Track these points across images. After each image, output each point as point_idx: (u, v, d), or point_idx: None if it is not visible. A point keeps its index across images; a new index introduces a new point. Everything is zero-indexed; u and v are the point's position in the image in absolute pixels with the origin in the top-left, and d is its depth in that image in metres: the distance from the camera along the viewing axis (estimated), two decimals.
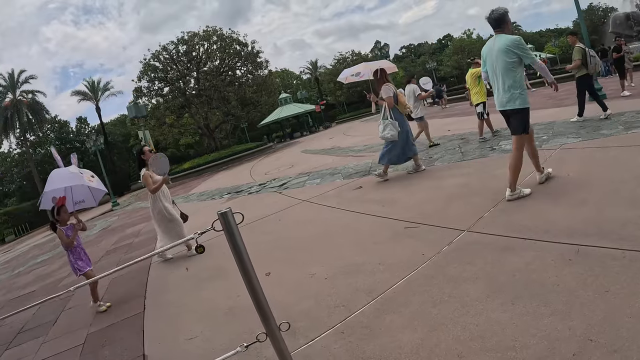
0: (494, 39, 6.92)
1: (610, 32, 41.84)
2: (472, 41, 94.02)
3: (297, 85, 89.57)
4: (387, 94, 9.63)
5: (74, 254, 6.91)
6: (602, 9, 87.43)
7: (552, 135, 10.66)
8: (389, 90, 9.69)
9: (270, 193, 12.97)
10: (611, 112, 11.55)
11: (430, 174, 9.90)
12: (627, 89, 18.42)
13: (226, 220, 2.89)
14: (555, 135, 10.64)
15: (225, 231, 2.89)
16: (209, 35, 44.37)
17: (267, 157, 30.54)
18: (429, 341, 3.46)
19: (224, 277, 6.41)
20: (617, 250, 4.15)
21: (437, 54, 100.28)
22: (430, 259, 5.06)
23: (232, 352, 3.17)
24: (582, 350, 2.90)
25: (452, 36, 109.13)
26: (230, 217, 2.90)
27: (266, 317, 3.05)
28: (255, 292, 3.01)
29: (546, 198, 6.28)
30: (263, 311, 3.04)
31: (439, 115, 28.63)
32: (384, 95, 9.72)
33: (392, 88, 9.75)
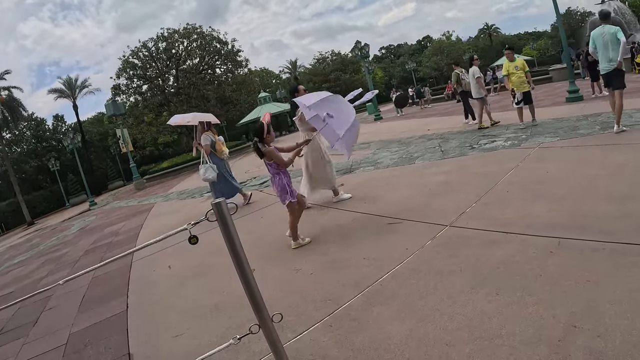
0: (602, 27, 9.63)
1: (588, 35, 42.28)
2: (451, 43, 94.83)
3: (277, 84, 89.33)
4: (205, 142, 10.93)
5: (287, 176, 6.52)
6: (580, 13, 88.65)
7: (530, 134, 10.89)
8: (208, 138, 10.98)
9: (251, 191, 12.93)
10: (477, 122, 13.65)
11: (412, 172, 10.04)
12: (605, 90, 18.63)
13: (220, 211, 2.91)
14: (534, 134, 10.90)
15: (219, 221, 2.91)
16: (189, 32, 44.02)
17: (246, 156, 30.34)
18: (417, 332, 3.53)
19: (208, 274, 6.41)
20: (597, 242, 4.31)
21: (417, 55, 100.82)
22: (415, 253, 5.13)
23: (225, 345, 3.18)
24: (566, 336, 3.02)
25: (431, 37, 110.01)
26: (224, 207, 2.92)
27: (259, 308, 3.06)
28: (249, 283, 3.03)
29: (526, 194, 6.44)
30: (256, 302, 3.06)
31: (418, 115, 28.84)
32: (202, 142, 10.99)
33: (210, 137, 11.09)
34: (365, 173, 11.21)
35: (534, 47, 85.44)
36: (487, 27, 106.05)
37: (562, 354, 2.87)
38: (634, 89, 17.38)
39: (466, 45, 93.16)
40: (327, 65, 76.44)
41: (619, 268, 3.77)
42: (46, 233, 21.46)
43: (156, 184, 30.74)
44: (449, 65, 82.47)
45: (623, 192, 5.63)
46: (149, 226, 12.52)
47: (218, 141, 11.23)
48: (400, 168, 10.76)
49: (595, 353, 2.80)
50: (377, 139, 18.55)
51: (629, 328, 2.95)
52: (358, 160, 13.40)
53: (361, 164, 12.61)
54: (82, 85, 66.05)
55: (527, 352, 2.96)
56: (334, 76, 73.38)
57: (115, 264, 8.35)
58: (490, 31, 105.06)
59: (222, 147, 11.29)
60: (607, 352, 2.79)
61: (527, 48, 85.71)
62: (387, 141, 16.92)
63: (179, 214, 12.85)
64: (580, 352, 2.84)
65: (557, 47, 74.16)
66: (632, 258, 3.89)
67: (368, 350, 3.47)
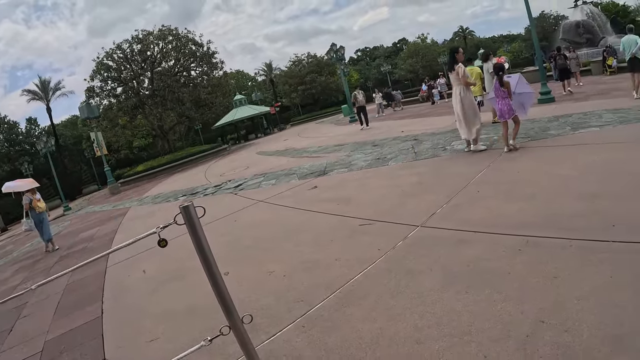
0: (628, 36, 15.30)
1: (561, 38, 43.52)
2: (426, 45, 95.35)
3: (252, 86, 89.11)
4: (25, 202, 12.88)
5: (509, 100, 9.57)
6: (553, 16, 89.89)
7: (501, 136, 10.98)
8: (27, 199, 12.88)
9: (226, 194, 12.90)
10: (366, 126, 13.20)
11: (385, 174, 10.12)
12: (574, 88, 20.62)
13: (188, 214, 2.91)
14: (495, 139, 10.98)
15: (187, 224, 2.91)
16: (164, 34, 43.39)
17: (222, 159, 30.28)
18: (388, 330, 3.56)
19: (182, 278, 6.36)
20: (565, 240, 4.41)
21: (392, 57, 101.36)
22: (386, 253, 5.19)
23: (196, 347, 3.17)
24: (535, 331, 3.09)
25: (407, 40, 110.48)
26: (192, 210, 2.91)
27: (229, 310, 3.05)
28: (218, 285, 3.01)
29: (497, 194, 6.56)
30: (225, 304, 3.04)
31: (392, 117, 29.02)
32: (23, 202, 12.96)
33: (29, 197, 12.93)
34: (339, 175, 11.24)
35: (508, 49, 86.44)
36: (461, 30, 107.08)
37: (530, 349, 2.93)
38: (605, 91, 17.83)
39: (441, 48, 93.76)
40: (303, 68, 76.28)
41: (586, 265, 3.86)
42: (20, 239, 21.10)
43: (131, 188, 30.43)
44: (424, 68, 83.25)
45: (592, 191, 5.75)
46: (123, 231, 12.41)
47: (35, 200, 13.14)
48: (374, 170, 10.84)
49: (563, 347, 2.86)
50: (352, 140, 18.68)
51: (596, 323, 3.02)
52: (332, 162, 13.46)
53: (335, 166, 12.65)
54: (55, 87, 65.05)
55: (496, 348, 3.01)
56: (309, 78, 73.28)
57: (90, 270, 8.28)
58: (464, 34, 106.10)
59: (38, 204, 13.16)
60: (574, 346, 2.85)
61: (501, 50, 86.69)
62: (361, 143, 17.04)
63: (153, 218, 12.77)
64: (548, 347, 2.91)
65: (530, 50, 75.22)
66: (599, 255, 3.99)
67: (340, 349, 3.50)
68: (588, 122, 10.78)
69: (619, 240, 4.19)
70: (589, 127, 9.99)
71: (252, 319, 3.14)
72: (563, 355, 2.81)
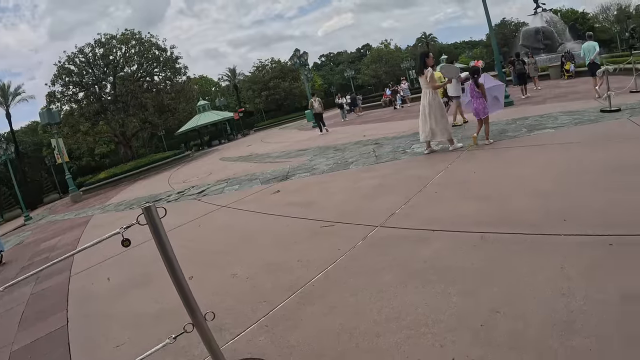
0: (588, 42, 16.54)
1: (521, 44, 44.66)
2: (390, 51, 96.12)
3: (216, 92, 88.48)
4: None
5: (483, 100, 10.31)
6: (514, 23, 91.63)
7: (461, 138, 11.27)
8: None
9: (190, 200, 12.85)
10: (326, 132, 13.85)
11: (346, 177, 10.28)
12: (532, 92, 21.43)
13: (150, 215, 2.95)
14: (463, 138, 11.30)
15: (149, 225, 2.95)
16: (127, 38, 42.61)
17: (185, 166, 30.07)
18: (348, 325, 3.66)
19: (148, 283, 6.32)
20: (518, 235, 4.63)
21: (356, 63, 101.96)
22: (346, 253, 5.30)
23: (160, 345, 3.20)
24: (489, 321, 3.25)
25: (370, 46, 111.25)
26: (154, 211, 2.96)
27: (192, 308, 3.11)
28: (180, 284, 3.07)
29: (454, 194, 6.79)
30: (188, 302, 3.10)
31: (355, 122, 29.28)
32: None
33: None
34: (301, 179, 11.32)
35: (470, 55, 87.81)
36: (425, 37, 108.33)
37: (485, 336, 3.08)
38: (562, 94, 18.38)
39: (404, 54, 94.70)
40: (267, 73, 76.11)
41: (538, 258, 4.05)
42: None
43: (93, 196, 29.94)
44: (387, 73, 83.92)
45: (545, 189, 6.04)
46: (87, 239, 12.24)
47: None
48: (335, 173, 10.99)
49: (516, 334, 3.02)
50: (315, 145, 18.84)
51: (548, 311, 3.19)
52: (294, 166, 13.56)
53: (297, 170, 12.74)
54: (15, 92, 63.48)
55: (452, 338, 3.15)
56: (273, 84, 73.20)
57: (53, 280, 8.18)
58: (427, 40, 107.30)
59: None
60: (528, 333, 3.01)
61: (463, 56, 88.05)
62: (323, 148, 17.21)
63: (116, 226, 12.52)
64: (501, 335, 3.06)
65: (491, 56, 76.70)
66: (548, 247, 4.22)
67: (303, 346, 3.57)
68: (544, 124, 11.14)
69: (569, 234, 4.41)
70: (545, 129, 10.34)
71: (214, 316, 3.21)
72: (517, 341, 2.96)
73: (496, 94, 11.01)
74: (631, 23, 70.50)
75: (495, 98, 10.94)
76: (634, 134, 8.37)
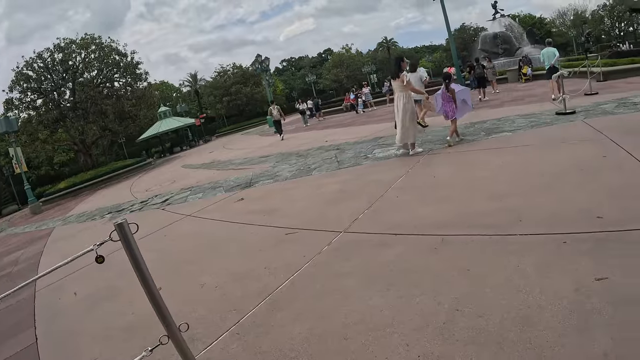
0: (547, 48, 17.41)
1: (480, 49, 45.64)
2: (351, 56, 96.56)
3: (177, 98, 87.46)
4: None
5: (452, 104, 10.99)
6: (473, 28, 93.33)
7: (420, 142, 11.51)
8: None
9: (153, 210, 12.73)
10: None
11: (309, 183, 10.39)
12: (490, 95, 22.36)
13: (122, 231, 2.99)
14: (423, 142, 11.62)
15: (122, 241, 2.99)
16: (87, 43, 41.47)
17: (147, 174, 29.69)
18: (317, 330, 3.77)
19: (116, 296, 6.26)
20: (475, 236, 4.86)
21: (318, 68, 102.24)
22: (312, 259, 5.41)
23: (137, 358, 3.25)
24: (451, 319, 3.43)
25: (332, 50, 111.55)
26: (126, 227, 3.00)
27: (166, 320, 3.16)
28: (154, 297, 3.12)
29: (415, 197, 7.04)
30: (163, 315, 3.15)
31: (317, 127, 29.45)
32: None
33: None
34: (265, 186, 11.36)
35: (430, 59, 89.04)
36: (385, 41, 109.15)
37: (448, 334, 3.25)
38: (520, 97, 18.91)
39: (365, 58, 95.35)
40: (229, 78, 75.61)
41: (496, 257, 4.28)
42: None
43: (54, 207, 29.27)
44: (348, 77, 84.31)
45: (502, 191, 6.33)
46: (49, 253, 11.96)
47: None
48: (298, 180, 11.08)
49: (477, 330, 3.20)
50: (277, 151, 18.88)
51: (506, 307, 3.40)
52: (257, 173, 13.60)
53: (261, 177, 12.77)
54: None
55: (416, 336, 3.30)
56: (235, 89, 72.74)
57: (17, 296, 8.04)
58: (388, 45, 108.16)
59: None
60: (488, 329, 3.19)
61: (423, 60, 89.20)
62: (286, 154, 17.26)
63: (79, 238, 12.36)
64: (463, 331, 3.23)
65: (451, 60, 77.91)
66: (507, 247, 4.45)
67: (274, 351, 3.66)
68: (501, 127, 11.50)
69: (525, 233, 4.67)
70: (502, 132, 10.70)
71: (188, 327, 3.27)
72: (478, 336, 3.14)
73: (464, 97, 11.38)
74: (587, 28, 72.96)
75: (464, 101, 11.32)
76: (587, 136, 8.71)
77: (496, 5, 52.41)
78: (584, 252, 4.00)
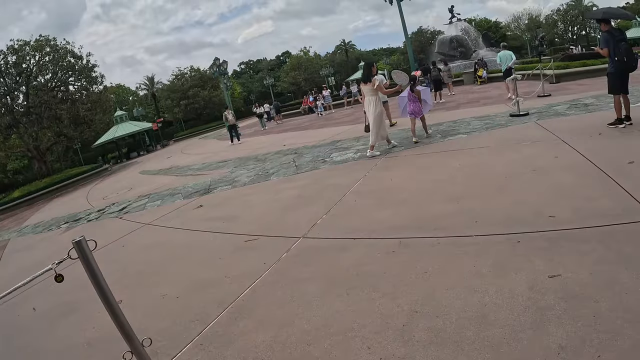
0: (504, 51, 18.17)
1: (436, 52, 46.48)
2: (309, 58, 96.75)
3: (134, 101, 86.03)
4: None
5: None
6: (430, 31, 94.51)
7: (378, 145, 11.63)
8: None
9: (111, 219, 12.46)
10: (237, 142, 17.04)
11: (267, 189, 10.38)
12: (446, 97, 22.96)
13: (81, 248, 2.95)
14: (380, 145, 11.69)
15: (81, 259, 2.95)
16: (42, 45, 40.10)
17: (104, 181, 29.10)
18: (280, 337, 3.79)
19: (75, 311, 6.10)
20: (432, 239, 5.00)
21: (276, 70, 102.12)
22: (272, 266, 5.42)
23: None
24: (410, 321, 3.52)
25: (290, 53, 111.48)
26: (84, 244, 2.96)
27: (129, 336, 3.13)
28: (115, 314, 3.07)
29: (372, 201, 7.15)
30: (125, 331, 3.12)
31: (274, 130, 29.50)
32: None
33: None
34: (223, 192, 11.29)
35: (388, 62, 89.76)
36: (343, 44, 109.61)
37: (407, 336, 3.33)
38: (475, 99, 19.33)
39: (323, 61, 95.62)
40: (186, 82, 74.80)
41: (452, 258, 4.41)
42: None
43: (7, 217, 28.37)
44: (306, 80, 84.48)
45: (458, 193, 6.52)
46: (5, 266, 11.61)
47: None
48: (257, 185, 11.06)
49: (435, 331, 3.30)
50: (235, 156, 18.81)
51: (463, 307, 3.52)
52: (216, 179, 13.52)
53: (219, 183, 12.69)
54: None
55: (377, 339, 3.37)
56: (192, 92, 72.04)
57: None
58: (346, 47, 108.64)
59: None
60: (446, 329, 3.29)
61: (380, 62, 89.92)
62: (244, 158, 17.22)
63: (37, 251, 11.94)
64: (422, 332, 3.32)
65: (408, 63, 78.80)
66: (463, 248, 4.59)
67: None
68: (457, 129, 11.76)
69: (480, 234, 4.82)
70: (458, 134, 10.96)
71: (151, 342, 3.26)
72: (436, 337, 3.23)
73: (424, 97, 11.96)
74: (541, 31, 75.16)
75: (424, 100, 11.92)
76: (540, 137, 9.01)
77: (453, 10, 53.73)
78: (538, 251, 4.17)
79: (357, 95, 34.98)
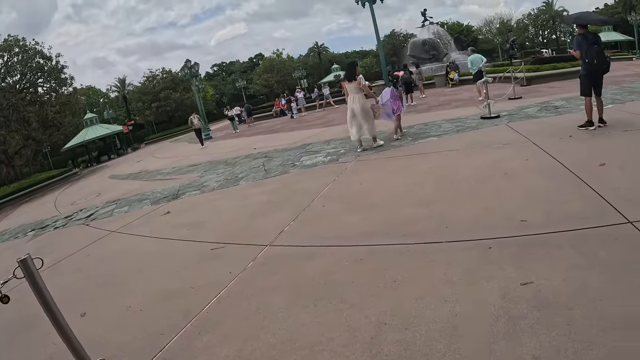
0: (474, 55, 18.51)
1: (409, 55, 46.87)
2: (282, 60, 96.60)
3: (104, 104, 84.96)
4: None
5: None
6: (402, 34, 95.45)
7: (348, 149, 11.63)
8: None
9: (78, 226, 12.18)
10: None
11: (236, 194, 10.23)
12: (418, 100, 23.34)
13: (27, 267, 2.80)
14: (350, 149, 11.72)
15: (27, 278, 2.80)
16: (10, 45, 39.16)
17: (73, 185, 28.58)
18: (245, 351, 3.63)
19: (36, 325, 5.86)
20: (402, 245, 4.88)
21: (248, 73, 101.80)
22: (238, 276, 5.27)
23: None
24: (378, 333, 3.38)
25: (263, 55, 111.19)
26: (30, 263, 2.80)
27: (80, 357, 3.02)
28: (67, 337, 2.94)
29: (341, 206, 7.05)
30: (79, 354, 3.01)
31: (246, 133, 29.31)
32: None
33: None
34: (191, 198, 11.11)
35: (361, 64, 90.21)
36: (316, 46, 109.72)
37: (375, 349, 3.19)
38: (446, 102, 19.46)
39: (296, 63, 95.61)
40: (158, 84, 73.94)
41: (422, 266, 4.30)
42: None
43: None
44: (279, 82, 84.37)
45: (429, 197, 6.45)
46: None
47: None
48: (225, 190, 10.90)
49: (405, 344, 3.17)
50: (205, 160, 18.58)
51: (433, 317, 3.40)
52: (185, 184, 13.30)
53: (188, 188, 12.48)
54: None
55: (345, 353, 3.24)
56: (164, 95, 71.25)
57: None
58: (319, 50, 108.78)
59: None
60: (415, 341, 3.17)
61: None
62: (214, 162, 17.02)
63: (3, 257, 11.66)
64: (391, 345, 3.19)
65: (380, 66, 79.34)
66: (431, 255, 4.49)
67: None
68: (428, 132, 11.75)
69: (451, 240, 4.73)
70: (429, 137, 10.93)
71: None
72: (406, 350, 3.11)
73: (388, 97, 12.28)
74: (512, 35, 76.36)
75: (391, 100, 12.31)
76: (511, 140, 9.03)
77: (425, 13, 54.60)
78: (510, 257, 4.10)
79: (329, 98, 35.06)
